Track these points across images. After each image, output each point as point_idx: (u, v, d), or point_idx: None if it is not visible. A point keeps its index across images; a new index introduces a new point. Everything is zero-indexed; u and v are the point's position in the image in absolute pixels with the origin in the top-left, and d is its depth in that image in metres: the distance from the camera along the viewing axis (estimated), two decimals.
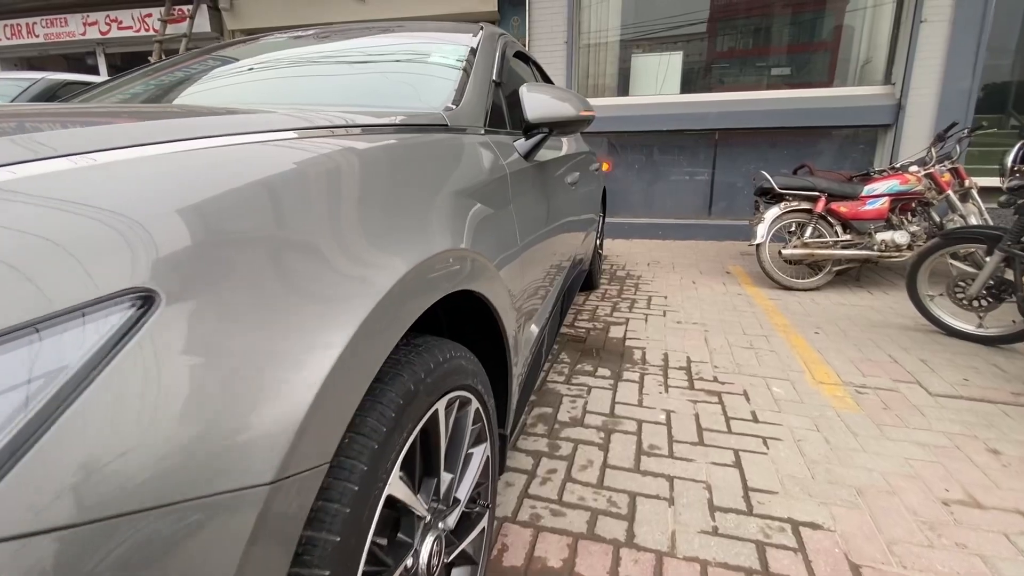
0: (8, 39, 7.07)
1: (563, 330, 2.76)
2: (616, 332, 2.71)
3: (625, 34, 5.38)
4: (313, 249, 0.54)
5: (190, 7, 6.21)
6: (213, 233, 0.46)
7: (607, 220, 5.53)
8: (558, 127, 1.35)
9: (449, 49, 1.46)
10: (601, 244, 3.77)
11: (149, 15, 6.57)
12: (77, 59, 7.37)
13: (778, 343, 2.52)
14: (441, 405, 0.78)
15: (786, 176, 3.56)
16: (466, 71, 1.30)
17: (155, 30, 6.35)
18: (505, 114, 1.46)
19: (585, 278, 3.30)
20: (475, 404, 0.93)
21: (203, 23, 6.34)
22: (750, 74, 5.25)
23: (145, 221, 0.42)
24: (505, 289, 1.02)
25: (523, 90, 1.32)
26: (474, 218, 0.92)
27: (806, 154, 5.03)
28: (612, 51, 5.44)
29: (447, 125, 1.01)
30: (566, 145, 2.21)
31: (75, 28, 6.79)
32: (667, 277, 3.85)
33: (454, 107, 1.13)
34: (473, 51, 1.41)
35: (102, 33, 6.75)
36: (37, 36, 6.94)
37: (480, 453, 0.98)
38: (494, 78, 1.39)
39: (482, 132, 1.18)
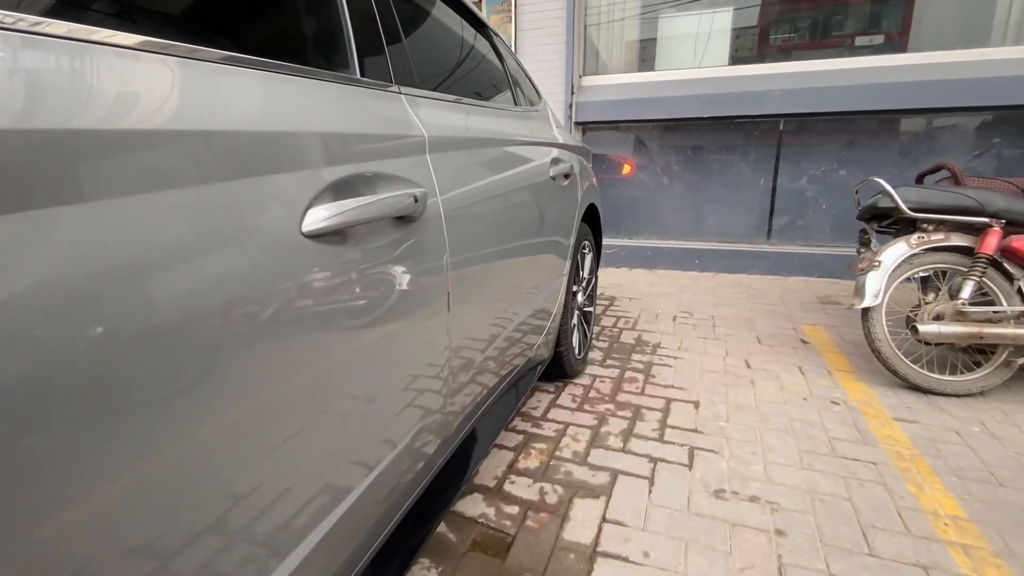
0: None
1: (475, 508, 1.34)
2: (581, 525, 1.27)
3: None
4: None
5: None
6: None
7: (620, 243, 4.05)
8: None
9: None
10: (593, 296, 2.32)
11: None
12: None
13: None
14: None
15: (917, 188, 2.02)
16: None
17: None
18: None
19: (557, 363, 1.89)
20: None
21: None
22: (832, 37, 3.66)
23: None
24: None
25: None
26: None
27: (919, 153, 3.42)
28: (631, 9, 3.96)
29: None
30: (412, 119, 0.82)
31: None
32: (702, 350, 2.36)
33: None
34: None
35: None
36: None
37: None
38: None
39: None
